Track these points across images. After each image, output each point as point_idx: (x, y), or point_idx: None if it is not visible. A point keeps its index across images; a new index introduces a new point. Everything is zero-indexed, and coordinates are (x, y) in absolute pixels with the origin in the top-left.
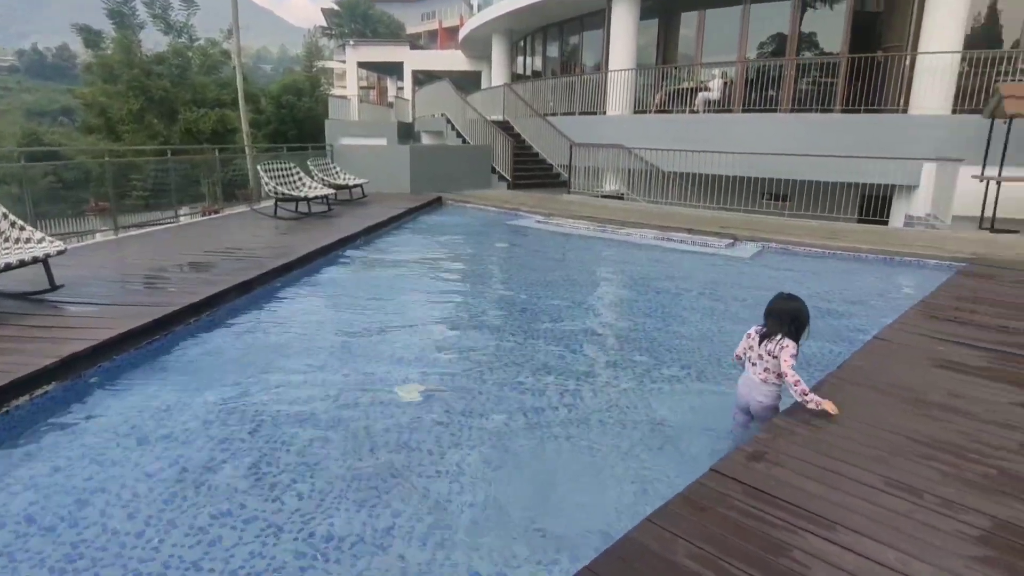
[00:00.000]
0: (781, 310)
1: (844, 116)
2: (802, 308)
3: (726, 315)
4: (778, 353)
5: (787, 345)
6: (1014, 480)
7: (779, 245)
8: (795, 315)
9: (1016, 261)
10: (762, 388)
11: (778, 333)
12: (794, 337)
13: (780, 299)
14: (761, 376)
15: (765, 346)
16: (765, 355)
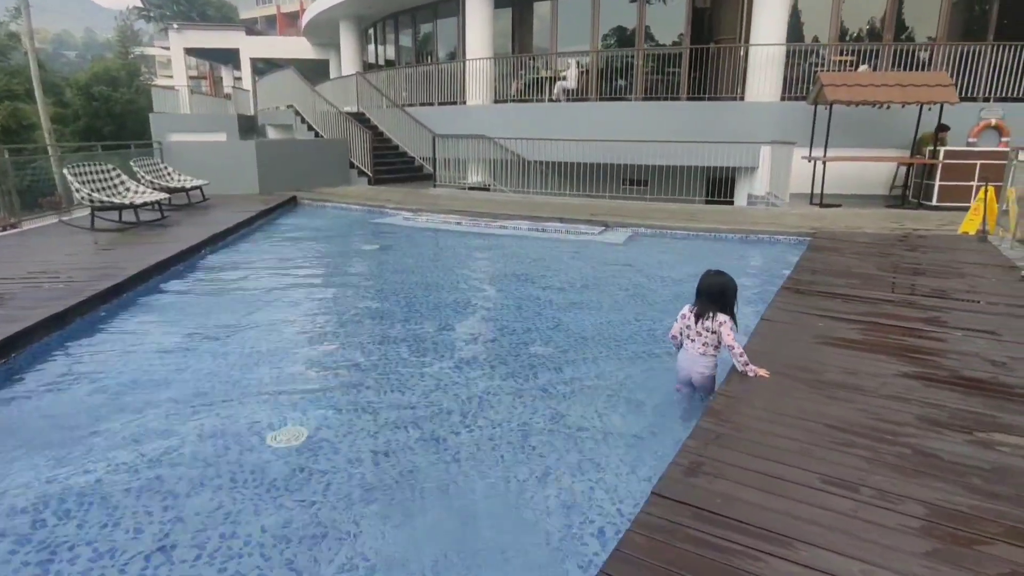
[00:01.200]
0: (710, 287)
1: (689, 103)
2: (727, 283)
3: (615, 306)
4: (717, 328)
5: (724, 320)
6: (926, 457)
7: (648, 229)
8: (722, 290)
9: (848, 233)
10: (702, 361)
11: (710, 310)
12: (726, 310)
13: (707, 276)
14: (700, 350)
15: (702, 323)
16: (704, 331)
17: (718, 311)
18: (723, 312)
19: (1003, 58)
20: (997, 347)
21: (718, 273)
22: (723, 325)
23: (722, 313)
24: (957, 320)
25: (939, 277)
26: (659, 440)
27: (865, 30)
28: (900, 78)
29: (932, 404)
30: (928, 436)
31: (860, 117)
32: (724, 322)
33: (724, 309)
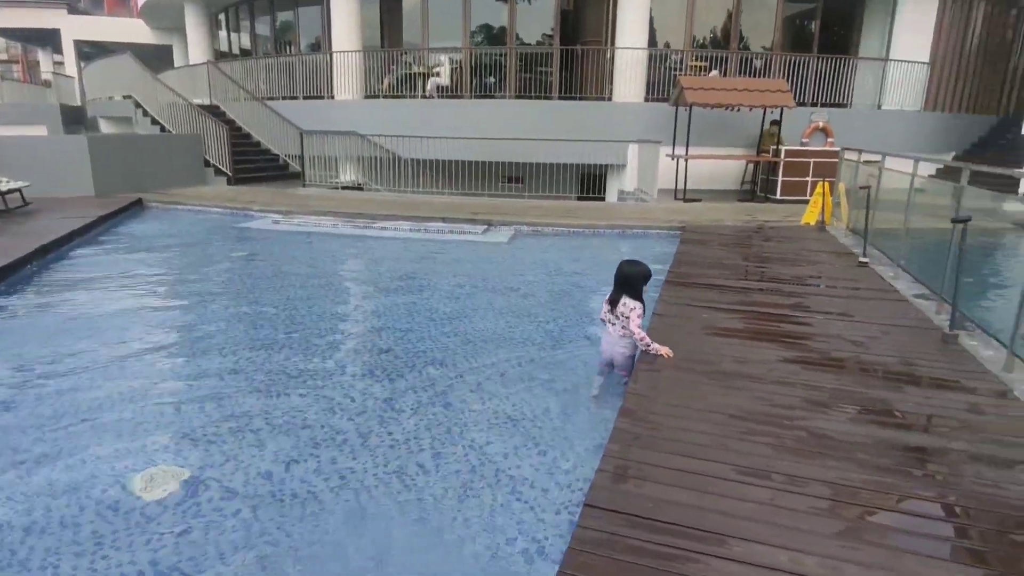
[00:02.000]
0: (619, 276)
1: (561, 103)
2: (630, 271)
3: (507, 307)
4: (628, 313)
5: (633, 307)
6: (818, 438)
7: (529, 227)
8: (627, 278)
9: (712, 226)
10: (621, 342)
11: (622, 296)
12: (634, 296)
13: (621, 265)
14: (620, 333)
15: (617, 309)
16: (619, 316)
17: (628, 297)
18: (633, 299)
19: (826, 68)
20: (852, 328)
21: (630, 263)
22: (633, 311)
23: (632, 299)
24: (817, 304)
25: (794, 265)
26: (572, 442)
27: (709, 39)
28: (747, 84)
29: (813, 386)
30: (816, 417)
31: (715, 118)
32: (633, 308)
33: (633, 295)
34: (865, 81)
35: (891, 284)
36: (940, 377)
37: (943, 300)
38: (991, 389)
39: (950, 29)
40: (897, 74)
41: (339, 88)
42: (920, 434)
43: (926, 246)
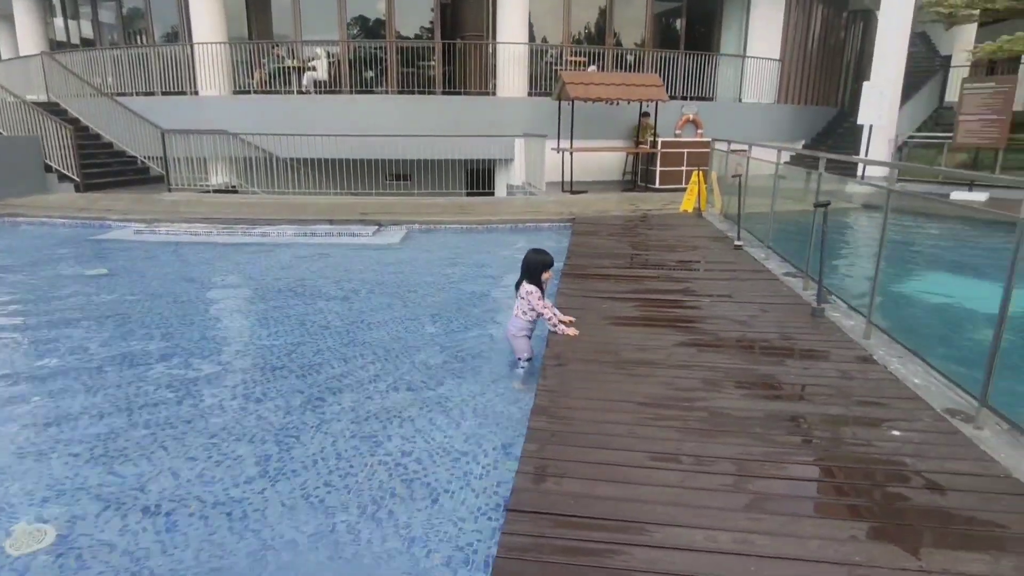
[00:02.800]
0: (523, 262)
1: (445, 98)
2: (531, 259)
3: (406, 310)
4: (526, 296)
5: (532, 290)
6: (718, 417)
7: (422, 226)
8: (525, 266)
9: (600, 216)
10: (517, 322)
11: (522, 281)
12: (533, 281)
13: (527, 253)
14: (517, 313)
15: (519, 292)
16: (519, 298)
17: (527, 282)
18: (530, 283)
19: (692, 64)
20: (736, 308)
21: (534, 251)
22: (531, 294)
23: (529, 283)
24: (702, 288)
25: (678, 251)
26: (488, 444)
27: (584, 35)
28: (624, 78)
29: (709, 367)
30: (715, 397)
31: (596, 112)
32: (531, 291)
33: (531, 280)
34: (727, 76)
35: (764, 265)
36: (813, 348)
37: (809, 277)
38: (856, 356)
39: (795, 29)
40: (753, 70)
41: (204, 83)
42: (802, 403)
43: (790, 228)
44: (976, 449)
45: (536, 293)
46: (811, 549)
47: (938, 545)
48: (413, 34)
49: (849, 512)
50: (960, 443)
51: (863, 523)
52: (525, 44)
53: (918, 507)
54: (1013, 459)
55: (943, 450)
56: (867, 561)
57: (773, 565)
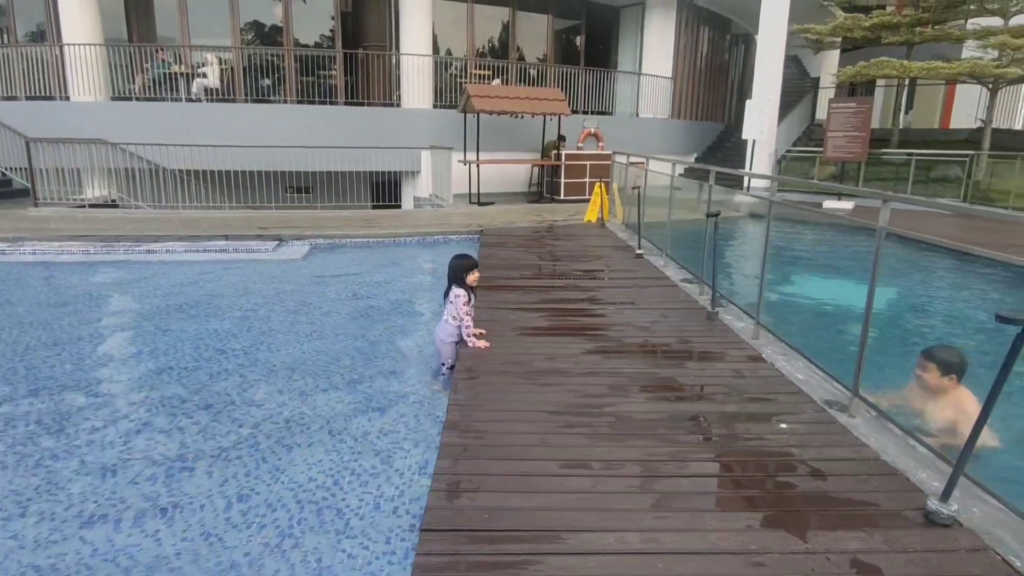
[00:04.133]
0: (449, 267)
1: (348, 108)
2: (454, 263)
3: (311, 328)
4: (453, 300)
5: (460, 293)
6: (625, 421)
7: (327, 240)
8: (451, 270)
9: (508, 227)
10: (446, 327)
11: (450, 286)
12: (460, 284)
13: (451, 259)
14: (446, 318)
15: (447, 296)
16: (448, 303)
17: (455, 285)
18: (459, 287)
19: (592, 80)
20: (638, 315)
21: (457, 256)
22: (458, 298)
23: (457, 287)
24: (608, 296)
25: (584, 260)
26: (399, 463)
27: (488, 48)
28: (528, 92)
29: (615, 373)
30: (621, 402)
31: (501, 125)
32: (458, 295)
33: (459, 284)
34: (624, 92)
35: (663, 272)
36: (709, 350)
37: (704, 283)
38: (747, 355)
39: (685, 50)
40: (649, 86)
41: (76, 87)
42: (701, 403)
43: (686, 236)
44: (851, 436)
45: (463, 297)
46: (712, 542)
47: (821, 527)
48: (313, 42)
49: (745, 503)
50: (837, 431)
51: (757, 512)
52: (429, 56)
53: (803, 493)
54: (881, 443)
55: (823, 438)
56: (761, 549)
57: (679, 561)
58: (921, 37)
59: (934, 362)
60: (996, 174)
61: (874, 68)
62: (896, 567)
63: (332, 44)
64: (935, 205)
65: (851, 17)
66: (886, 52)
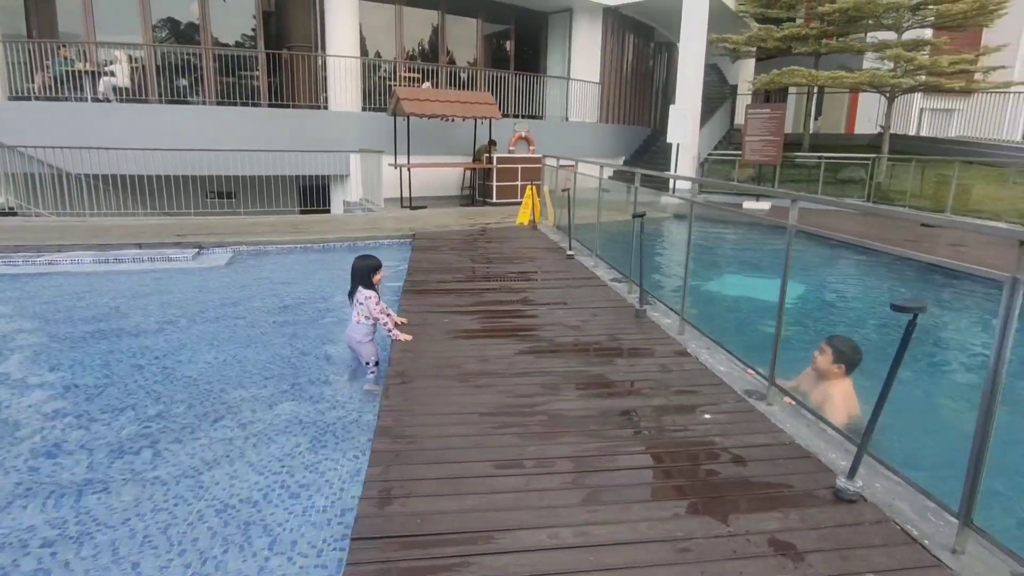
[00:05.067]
0: (352, 271)
1: (272, 110)
2: (359, 265)
3: (234, 339)
4: (364, 301)
5: (370, 295)
6: (558, 419)
7: (251, 247)
8: (357, 272)
9: (440, 231)
10: (360, 330)
11: (357, 287)
12: (367, 286)
13: (354, 261)
14: (357, 320)
15: (356, 299)
16: (357, 305)
17: (362, 288)
18: (366, 289)
19: (522, 84)
20: (570, 314)
21: (361, 257)
22: (369, 299)
23: (366, 289)
24: (540, 297)
25: (516, 262)
26: (328, 472)
27: (418, 51)
28: (459, 96)
29: (547, 372)
30: (553, 401)
31: (432, 128)
32: (369, 296)
33: (367, 286)
34: (554, 96)
35: (593, 272)
36: (638, 347)
37: (632, 282)
38: (673, 350)
39: (611, 56)
40: (578, 91)
41: None
42: (631, 398)
43: (615, 237)
44: (768, 423)
45: (374, 298)
46: (641, 531)
47: (742, 510)
48: (233, 41)
49: (672, 492)
50: (756, 419)
51: (683, 500)
52: (357, 58)
53: (726, 480)
54: (795, 427)
55: (743, 426)
56: (687, 535)
57: (610, 552)
58: (827, 48)
59: (832, 349)
60: (894, 176)
61: (786, 76)
62: (809, 543)
63: (254, 44)
64: (841, 204)
65: (764, 28)
66: (796, 62)
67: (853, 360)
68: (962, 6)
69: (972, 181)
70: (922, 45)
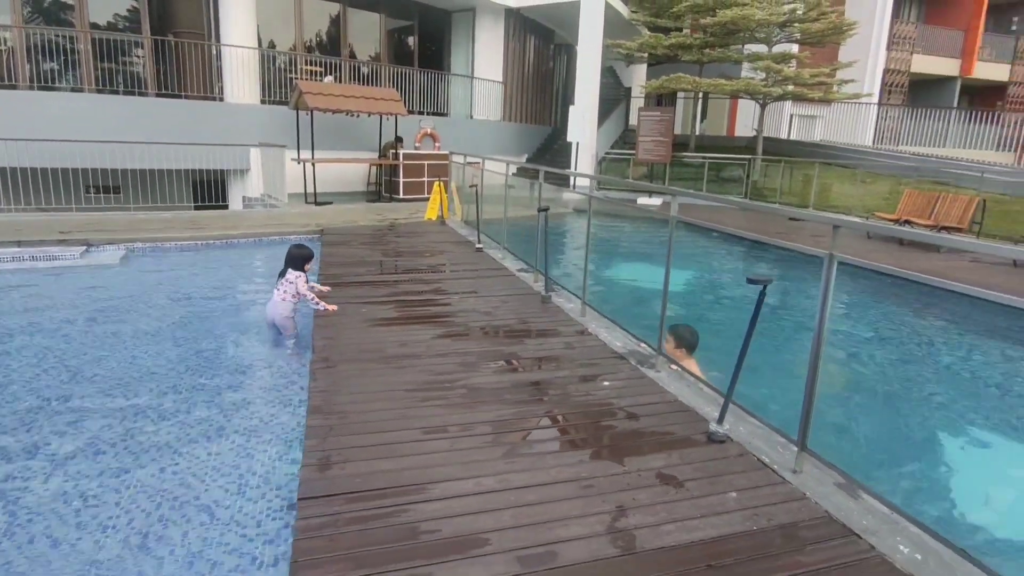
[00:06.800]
0: (288, 256)
1: (162, 100)
2: (296, 253)
3: (140, 339)
4: (295, 281)
5: (299, 275)
6: (475, 392)
7: (146, 244)
8: (293, 258)
9: (349, 227)
10: (283, 307)
11: (288, 268)
12: (300, 268)
13: (290, 249)
14: (282, 297)
15: (284, 279)
16: (285, 284)
17: (292, 269)
18: (297, 270)
19: (427, 81)
20: (481, 302)
21: (297, 246)
22: (299, 278)
23: (295, 271)
24: (452, 287)
25: (427, 256)
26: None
27: (315, 43)
28: (364, 91)
29: (463, 352)
30: (471, 376)
31: (337, 123)
32: (298, 276)
33: (297, 268)
34: (458, 94)
35: (502, 263)
36: (544, 328)
37: (538, 271)
38: (575, 331)
39: (513, 55)
40: (481, 90)
41: None
42: (539, 372)
43: (521, 231)
44: (656, 386)
45: (303, 278)
46: (552, 475)
47: (634, 454)
48: (110, 23)
49: (577, 444)
50: (647, 384)
51: (587, 449)
52: (255, 48)
53: (621, 432)
54: (678, 388)
55: (637, 390)
56: (590, 475)
57: (527, 492)
58: (708, 57)
59: (674, 336)
60: (767, 175)
61: (673, 82)
62: (687, 474)
63: (137, 28)
64: (718, 200)
65: (654, 36)
66: (683, 68)
67: (692, 343)
68: (820, 25)
69: (831, 180)
70: (789, 58)
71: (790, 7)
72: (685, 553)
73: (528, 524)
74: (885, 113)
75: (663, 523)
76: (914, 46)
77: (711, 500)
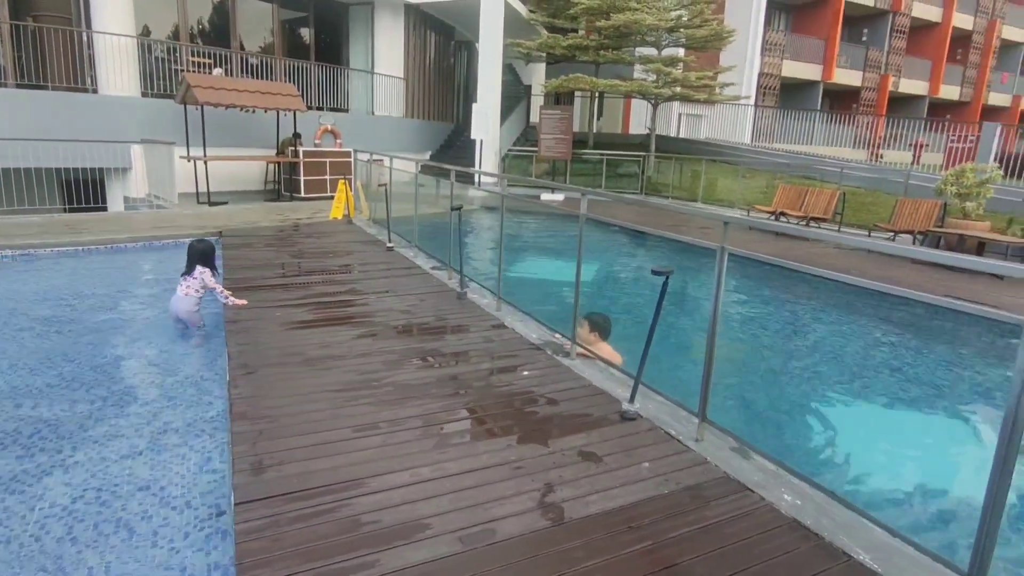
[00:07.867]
0: (192, 252)
1: (23, 92)
2: (199, 247)
3: (23, 354)
4: (200, 275)
5: (204, 270)
6: (403, 388)
7: (17, 252)
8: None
9: (250, 228)
10: (188, 301)
11: (195, 267)
12: (208, 265)
13: (192, 244)
14: (185, 292)
15: (191, 275)
16: (191, 280)
17: (200, 265)
18: (204, 266)
19: (324, 75)
20: (398, 300)
21: (199, 241)
22: (204, 273)
23: (203, 266)
24: (367, 287)
25: (337, 256)
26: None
27: (201, 31)
28: (259, 86)
29: (387, 351)
30: (397, 374)
31: (230, 119)
32: (204, 271)
33: (205, 264)
34: (358, 90)
35: (414, 262)
36: (462, 324)
37: (452, 269)
38: (492, 325)
39: (414, 51)
40: (382, 85)
41: None
42: (461, 366)
43: (432, 229)
44: (572, 373)
45: (209, 272)
46: (484, 460)
47: (557, 435)
48: None
49: (504, 430)
50: (563, 371)
51: (514, 435)
52: (133, 37)
53: (543, 416)
54: (592, 374)
55: (554, 377)
56: (518, 457)
57: (462, 478)
58: (604, 59)
59: (588, 322)
60: (660, 171)
61: (572, 82)
62: (605, 449)
63: None
64: (621, 199)
65: (552, 37)
66: (581, 69)
67: (605, 328)
68: (703, 32)
69: (716, 175)
70: (676, 61)
71: (676, 13)
72: (608, 519)
73: (466, 507)
74: (760, 113)
75: (587, 495)
76: (784, 53)
77: (627, 471)
